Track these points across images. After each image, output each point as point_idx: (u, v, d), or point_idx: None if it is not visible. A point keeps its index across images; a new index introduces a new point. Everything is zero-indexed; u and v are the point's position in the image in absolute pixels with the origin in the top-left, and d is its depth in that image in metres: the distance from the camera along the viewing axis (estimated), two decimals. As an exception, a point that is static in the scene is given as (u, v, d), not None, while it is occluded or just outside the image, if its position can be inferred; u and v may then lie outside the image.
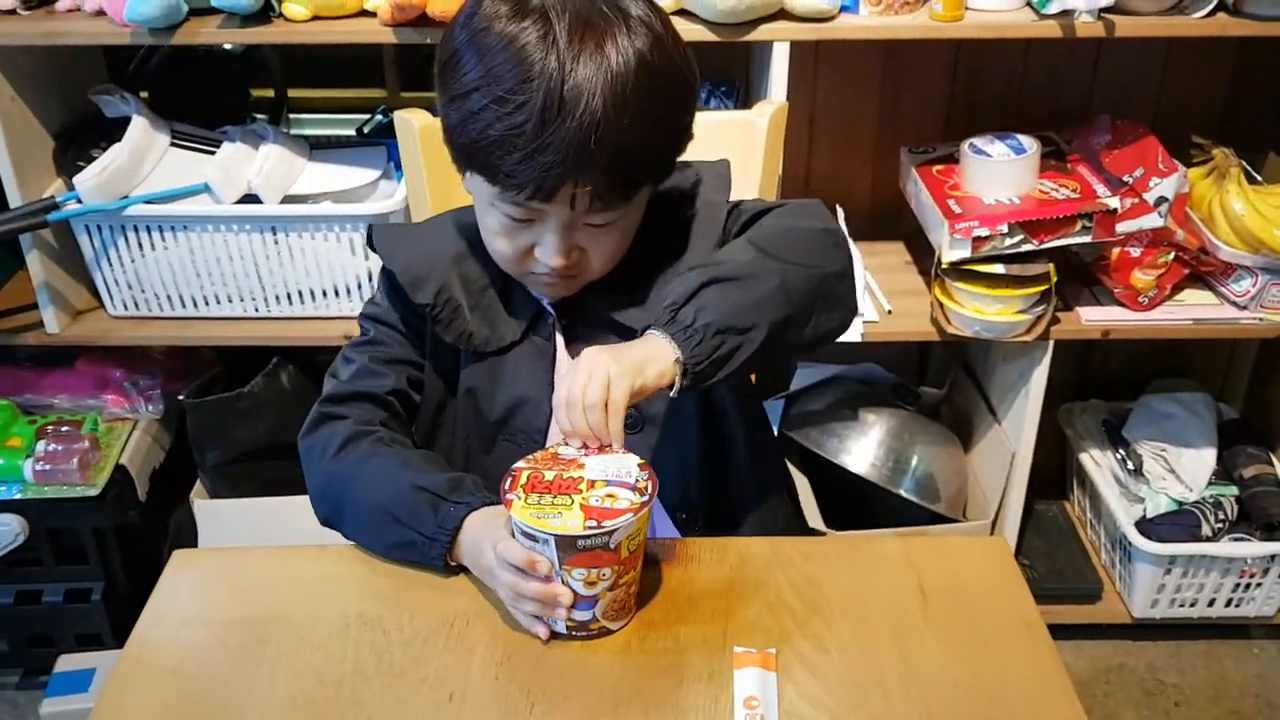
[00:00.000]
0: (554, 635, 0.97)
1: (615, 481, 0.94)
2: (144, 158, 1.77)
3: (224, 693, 0.92)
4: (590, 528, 0.90)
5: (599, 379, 0.94)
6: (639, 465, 0.96)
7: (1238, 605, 2.03)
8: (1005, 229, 1.70)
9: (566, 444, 0.98)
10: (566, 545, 0.91)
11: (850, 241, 1.97)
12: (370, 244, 1.19)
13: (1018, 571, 1.03)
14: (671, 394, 0.98)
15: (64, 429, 1.90)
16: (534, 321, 1.15)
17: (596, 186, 1.00)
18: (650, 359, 0.97)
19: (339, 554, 1.05)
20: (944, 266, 1.78)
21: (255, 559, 1.06)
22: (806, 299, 1.04)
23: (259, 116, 2.16)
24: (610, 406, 0.95)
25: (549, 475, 0.94)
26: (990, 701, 0.91)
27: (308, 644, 0.96)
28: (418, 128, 1.38)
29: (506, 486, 0.94)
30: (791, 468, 1.92)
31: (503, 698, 0.91)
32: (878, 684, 0.92)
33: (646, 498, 0.93)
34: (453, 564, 1.02)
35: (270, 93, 2.19)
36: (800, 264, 1.05)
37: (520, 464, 0.96)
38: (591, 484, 0.93)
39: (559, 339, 1.15)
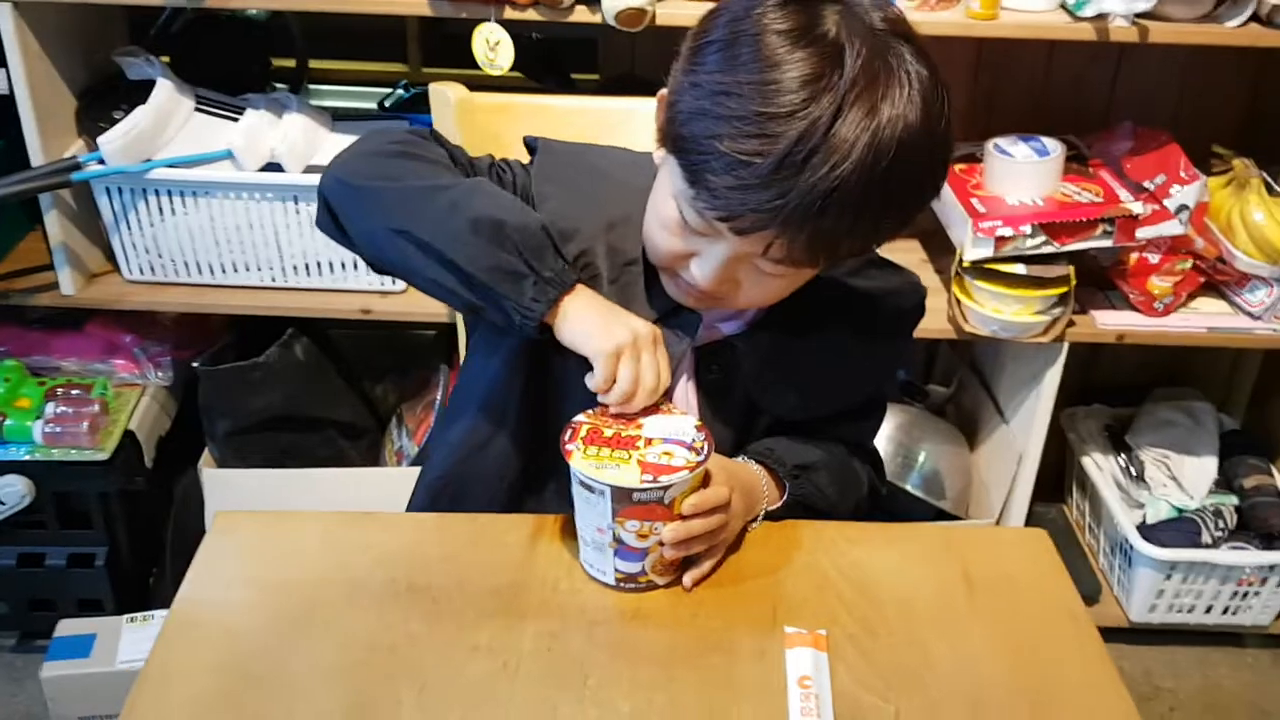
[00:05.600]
0: (601, 584, 0.99)
1: (672, 440, 0.96)
2: (168, 121, 1.75)
3: (272, 655, 0.91)
4: (646, 482, 0.92)
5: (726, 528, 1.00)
6: (695, 426, 0.98)
7: (1234, 614, 2.06)
8: (1028, 229, 1.71)
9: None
10: (621, 497, 0.93)
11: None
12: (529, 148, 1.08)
13: (1060, 563, 1.04)
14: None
15: (74, 392, 1.88)
16: (672, 312, 1.03)
17: (796, 245, 0.89)
18: (750, 510, 1.05)
19: (386, 521, 1.05)
20: (965, 265, 1.78)
21: (300, 523, 1.05)
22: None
23: (279, 86, 2.14)
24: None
25: (608, 431, 0.96)
26: (1039, 687, 0.92)
27: (356, 610, 0.95)
28: (454, 101, 1.36)
29: (566, 438, 0.95)
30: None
31: (556, 669, 0.90)
32: (928, 667, 0.92)
33: (702, 457, 0.95)
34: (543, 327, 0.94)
35: (290, 62, 2.17)
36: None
37: (580, 418, 0.98)
38: (649, 441, 0.95)
39: (689, 358, 1.07)
